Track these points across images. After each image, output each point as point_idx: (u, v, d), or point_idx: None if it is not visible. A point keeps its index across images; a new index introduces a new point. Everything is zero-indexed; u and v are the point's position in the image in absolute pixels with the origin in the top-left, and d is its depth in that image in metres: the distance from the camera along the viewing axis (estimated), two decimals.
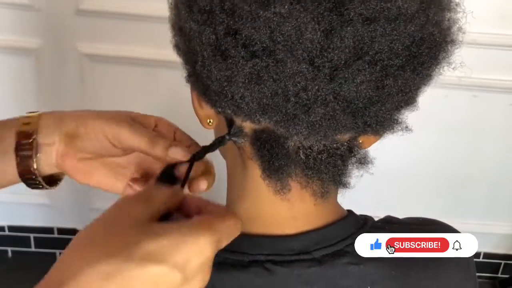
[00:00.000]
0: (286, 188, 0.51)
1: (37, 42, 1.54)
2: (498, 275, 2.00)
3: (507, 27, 1.51)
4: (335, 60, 0.43)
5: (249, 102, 0.45)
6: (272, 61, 0.43)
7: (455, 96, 1.62)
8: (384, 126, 0.50)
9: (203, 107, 0.53)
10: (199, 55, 0.47)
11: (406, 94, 0.47)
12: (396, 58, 0.44)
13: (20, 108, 0.70)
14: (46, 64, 1.58)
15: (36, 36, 1.54)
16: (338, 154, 0.50)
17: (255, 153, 0.51)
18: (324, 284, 0.53)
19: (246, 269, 0.52)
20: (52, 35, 1.55)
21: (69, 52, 1.56)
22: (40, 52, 1.56)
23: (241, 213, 0.55)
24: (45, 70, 1.60)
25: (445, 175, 1.80)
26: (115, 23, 1.50)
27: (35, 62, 1.58)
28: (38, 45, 1.55)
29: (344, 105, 0.45)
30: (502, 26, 1.51)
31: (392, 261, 0.55)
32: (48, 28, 1.53)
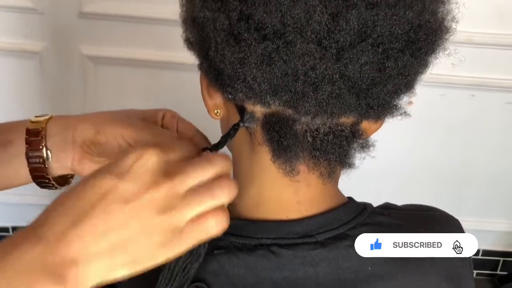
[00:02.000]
0: (295, 170, 0.54)
1: (41, 45, 1.56)
2: (497, 272, 2.02)
3: (505, 27, 1.53)
4: (341, 41, 0.46)
5: (261, 83, 0.48)
6: (282, 42, 0.46)
7: (453, 95, 1.64)
8: (385, 109, 0.53)
9: (212, 97, 0.56)
10: (213, 41, 0.49)
11: (406, 78, 0.51)
12: (396, 42, 0.48)
13: (24, 110, 0.72)
14: (49, 67, 1.59)
15: (40, 39, 1.55)
16: (343, 136, 0.53)
17: (265, 137, 0.54)
18: (327, 265, 0.55)
19: (252, 252, 0.55)
20: (56, 38, 1.56)
21: (72, 55, 1.57)
22: (44, 54, 1.57)
23: (247, 200, 0.58)
24: (48, 73, 1.61)
25: (444, 173, 1.81)
26: (118, 25, 1.52)
27: (38, 65, 1.59)
28: (41, 48, 1.56)
29: (349, 85, 0.48)
30: (500, 25, 1.52)
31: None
32: (52, 31, 1.55)
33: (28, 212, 1.85)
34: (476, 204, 1.87)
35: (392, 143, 1.64)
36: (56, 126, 0.60)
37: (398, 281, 0.57)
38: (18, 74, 1.63)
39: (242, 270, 0.54)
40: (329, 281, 0.55)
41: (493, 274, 2.02)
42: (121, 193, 0.41)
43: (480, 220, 1.87)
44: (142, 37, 1.54)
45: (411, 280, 0.57)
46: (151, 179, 0.42)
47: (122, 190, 0.41)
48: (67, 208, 0.41)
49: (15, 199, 1.75)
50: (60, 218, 0.40)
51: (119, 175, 0.41)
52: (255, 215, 0.57)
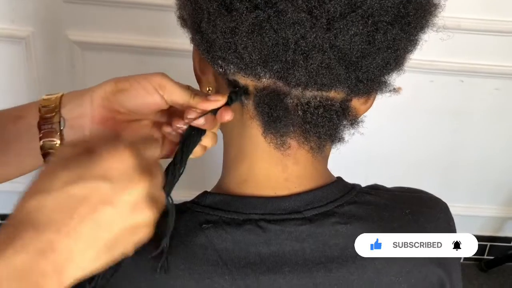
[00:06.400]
0: (285, 143, 0.54)
1: (27, 30, 1.54)
2: (484, 256, 2.05)
3: (493, 13, 1.53)
4: (332, 11, 0.47)
5: (252, 53, 0.49)
6: (273, 11, 0.47)
7: (441, 81, 1.65)
8: (374, 83, 0.53)
9: (205, 72, 0.57)
10: (205, 12, 0.50)
11: (395, 52, 0.51)
12: (386, 15, 0.48)
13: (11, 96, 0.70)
14: (36, 52, 1.58)
15: (26, 24, 1.53)
16: (333, 110, 0.54)
17: (256, 111, 0.54)
18: (313, 241, 0.56)
19: (240, 227, 0.55)
20: (42, 23, 1.54)
21: (60, 40, 1.55)
22: (30, 40, 1.55)
23: (236, 176, 0.58)
24: (35, 58, 1.59)
25: (432, 159, 1.82)
26: (105, 10, 1.50)
27: (25, 50, 1.57)
28: (28, 33, 1.54)
29: (339, 56, 0.49)
30: (488, 11, 1.52)
31: (377, 222, 0.58)
32: (38, 16, 1.53)
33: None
34: (464, 189, 1.89)
35: (381, 128, 1.65)
36: (70, 95, 0.58)
37: (384, 260, 0.57)
38: (4, 60, 1.61)
39: (230, 244, 0.55)
40: (316, 257, 0.55)
41: (480, 259, 2.04)
42: (104, 195, 0.41)
43: (468, 206, 1.89)
44: (130, 23, 1.53)
45: (399, 259, 0.58)
46: (132, 177, 0.42)
47: (104, 192, 0.41)
48: (50, 212, 0.40)
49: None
50: (44, 225, 0.39)
51: (99, 177, 0.41)
52: (244, 191, 0.58)
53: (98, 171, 0.41)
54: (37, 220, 0.39)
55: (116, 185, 0.41)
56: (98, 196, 0.40)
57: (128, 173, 0.42)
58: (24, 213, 0.40)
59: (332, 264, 0.55)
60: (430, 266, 0.59)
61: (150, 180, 0.43)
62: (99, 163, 0.41)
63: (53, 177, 0.41)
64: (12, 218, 0.40)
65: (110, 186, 0.41)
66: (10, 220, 0.40)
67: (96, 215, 0.40)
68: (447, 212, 0.65)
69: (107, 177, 0.41)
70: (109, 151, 0.42)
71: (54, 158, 0.44)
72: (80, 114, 0.57)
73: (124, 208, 0.41)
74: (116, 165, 0.41)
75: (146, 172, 0.43)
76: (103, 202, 0.40)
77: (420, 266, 0.59)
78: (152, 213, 0.43)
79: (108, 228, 0.41)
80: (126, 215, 0.41)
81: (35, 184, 0.42)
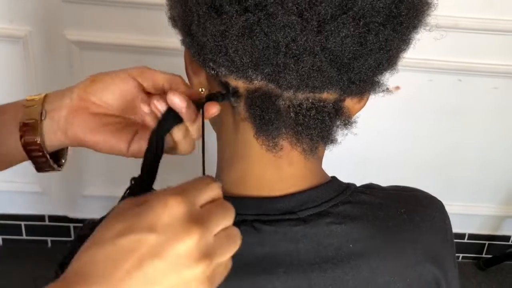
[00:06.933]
0: (277, 146, 0.54)
1: (25, 29, 1.54)
2: (482, 255, 2.05)
3: (491, 12, 1.53)
4: (322, 13, 0.46)
5: (242, 56, 0.48)
6: (263, 14, 0.46)
7: (440, 80, 1.65)
8: (367, 84, 0.53)
9: (197, 74, 0.57)
10: (195, 14, 0.49)
11: (387, 53, 0.51)
12: (377, 16, 0.48)
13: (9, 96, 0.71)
14: (34, 52, 1.58)
15: (24, 23, 1.53)
16: (326, 112, 0.53)
17: (248, 113, 0.54)
18: (308, 242, 0.56)
19: None
20: (40, 22, 1.54)
21: (58, 40, 1.56)
22: (28, 39, 1.55)
23: (230, 177, 0.58)
24: (33, 58, 1.59)
25: (431, 158, 1.83)
26: (103, 10, 1.50)
27: (23, 50, 1.57)
28: (26, 33, 1.54)
29: (330, 58, 0.48)
30: (486, 10, 1.52)
31: (371, 221, 0.58)
32: (36, 15, 1.53)
33: (15, 198, 1.83)
34: (463, 188, 1.89)
35: (380, 127, 1.65)
36: (55, 92, 0.60)
37: (379, 260, 0.57)
38: (2, 59, 1.61)
39: None
40: (311, 257, 0.55)
41: (479, 258, 2.04)
42: (152, 248, 0.39)
43: (466, 205, 1.90)
44: (128, 22, 1.53)
45: (393, 259, 0.58)
46: (181, 228, 0.40)
47: (152, 244, 0.39)
48: (101, 265, 0.39)
49: (3, 186, 1.75)
50: (94, 278, 0.39)
51: (147, 229, 0.39)
52: (239, 192, 0.57)
53: (146, 222, 0.40)
54: (89, 273, 0.39)
55: (163, 236, 0.39)
56: (145, 249, 0.39)
57: (177, 224, 0.40)
58: (79, 265, 0.40)
59: (327, 264, 0.55)
60: (425, 265, 0.59)
61: (202, 231, 0.40)
62: (148, 214, 0.40)
63: (107, 229, 0.40)
64: (69, 270, 0.40)
65: (157, 237, 0.39)
66: (67, 273, 0.40)
67: (144, 268, 0.39)
68: (442, 211, 0.64)
69: (155, 228, 0.39)
70: (159, 201, 0.40)
71: (113, 210, 0.43)
72: (59, 106, 0.58)
73: (173, 261, 0.39)
74: (165, 215, 0.40)
75: (198, 222, 0.41)
76: (151, 254, 0.39)
77: (415, 265, 0.59)
78: (205, 267, 0.40)
79: (157, 282, 0.39)
80: (176, 268, 0.39)
81: (93, 236, 0.41)
